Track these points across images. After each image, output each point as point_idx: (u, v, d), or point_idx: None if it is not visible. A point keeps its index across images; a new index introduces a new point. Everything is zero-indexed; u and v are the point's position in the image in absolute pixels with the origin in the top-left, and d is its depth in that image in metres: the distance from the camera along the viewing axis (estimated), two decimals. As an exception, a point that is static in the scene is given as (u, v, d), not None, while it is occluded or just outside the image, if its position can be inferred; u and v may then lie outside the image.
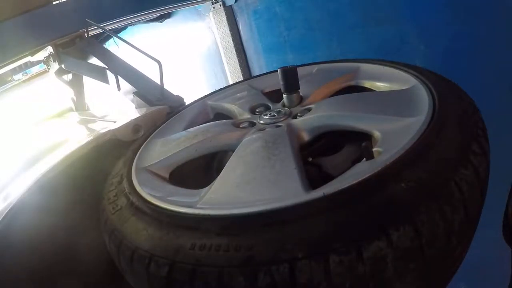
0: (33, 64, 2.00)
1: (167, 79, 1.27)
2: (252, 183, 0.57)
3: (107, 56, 1.52)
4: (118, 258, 0.56)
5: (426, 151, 0.51)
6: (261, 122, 0.79)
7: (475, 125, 0.57)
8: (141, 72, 1.42)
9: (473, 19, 1.29)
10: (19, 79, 2.11)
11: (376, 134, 0.62)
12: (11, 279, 0.80)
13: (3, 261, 0.79)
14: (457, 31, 1.34)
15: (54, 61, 1.64)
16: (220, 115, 1.01)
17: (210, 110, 1.05)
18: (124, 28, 2.01)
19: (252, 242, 0.44)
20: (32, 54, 1.58)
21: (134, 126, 1.03)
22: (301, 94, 0.84)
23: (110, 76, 1.36)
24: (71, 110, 1.87)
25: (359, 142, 0.70)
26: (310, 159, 0.71)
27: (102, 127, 1.15)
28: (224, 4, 2.20)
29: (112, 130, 1.00)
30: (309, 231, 0.43)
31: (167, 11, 2.09)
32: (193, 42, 2.65)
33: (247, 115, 0.87)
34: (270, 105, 0.89)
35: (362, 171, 0.50)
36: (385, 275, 0.41)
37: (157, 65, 1.21)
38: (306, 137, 0.71)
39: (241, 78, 2.31)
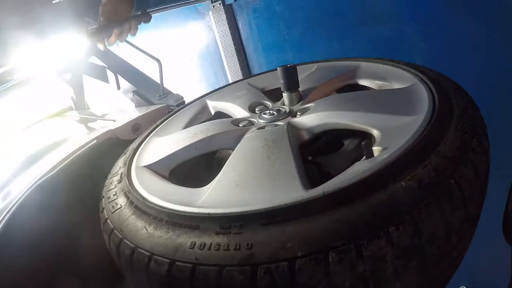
0: (32, 63, 1.99)
1: (167, 78, 1.27)
2: (252, 182, 0.57)
3: (106, 55, 1.51)
4: (118, 257, 0.56)
5: (426, 150, 0.51)
6: (261, 120, 0.79)
7: (475, 123, 0.57)
8: (141, 71, 1.42)
9: (473, 17, 1.29)
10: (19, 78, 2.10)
11: (376, 132, 0.62)
12: (12, 278, 0.80)
13: (3, 260, 0.79)
14: (457, 29, 1.34)
15: (54, 60, 1.63)
16: (220, 114, 1.01)
17: (209, 109, 1.05)
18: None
19: (252, 241, 0.44)
20: (31, 53, 1.58)
21: (134, 125, 1.04)
22: (300, 92, 0.84)
23: (110, 75, 1.36)
24: (71, 109, 1.87)
25: (359, 141, 0.70)
26: (310, 157, 0.71)
27: (102, 126, 1.15)
28: (223, 2, 2.20)
29: (112, 129, 1.00)
30: (308, 229, 0.43)
31: (167, 10, 2.09)
32: (192, 41, 2.65)
33: (246, 114, 0.86)
34: (269, 103, 0.89)
35: (361, 169, 0.50)
36: (385, 274, 0.41)
37: (157, 64, 1.21)
38: (305, 135, 0.71)
39: (240, 77, 2.31)
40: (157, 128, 0.95)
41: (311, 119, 0.72)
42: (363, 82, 0.90)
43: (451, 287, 0.54)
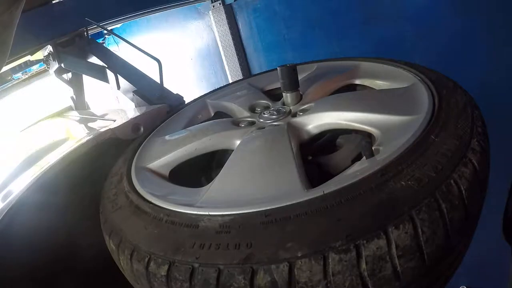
0: (32, 63, 1.99)
1: (167, 78, 1.27)
2: (252, 182, 0.57)
3: (106, 55, 1.52)
4: (118, 257, 0.56)
5: (426, 149, 0.51)
6: (261, 120, 0.79)
7: (474, 122, 0.57)
8: (140, 71, 1.42)
9: (473, 17, 1.29)
10: (18, 78, 2.10)
11: (376, 132, 0.62)
12: (11, 277, 0.80)
13: (3, 259, 0.79)
14: (457, 29, 1.34)
15: (54, 60, 1.64)
16: (220, 114, 1.01)
17: (209, 109, 1.05)
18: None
19: (252, 241, 0.44)
20: (31, 53, 1.58)
21: (134, 125, 1.03)
22: (300, 92, 0.84)
23: (110, 75, 1.36)
24: (70, 109, 1.87)
25: (359, 141, 0.70)
26: (310, 157, 0.71)
27: (102, 126, 1.15)
28: (223, 2, 2.20)
29: (112, 129, 1.00)
30: (308, 229, 0.43)
31: (167, 10, 2.09)
32: (192, 41, 2.65)
33: (246, 114, 0.86)
34: (269, 103, 0.89)
35: (361, 169, 0.50)
36: (385, 274, 0.41)
37: (156, 64, 1.21)
38: (305, 135, 0.71)
39: (240, 77, 2.31)
40: (157, 128, 0.95)
41: (311, 119, 0.72)
42: (363, 82, 0.90)
43: (451, 287, 0.54)
